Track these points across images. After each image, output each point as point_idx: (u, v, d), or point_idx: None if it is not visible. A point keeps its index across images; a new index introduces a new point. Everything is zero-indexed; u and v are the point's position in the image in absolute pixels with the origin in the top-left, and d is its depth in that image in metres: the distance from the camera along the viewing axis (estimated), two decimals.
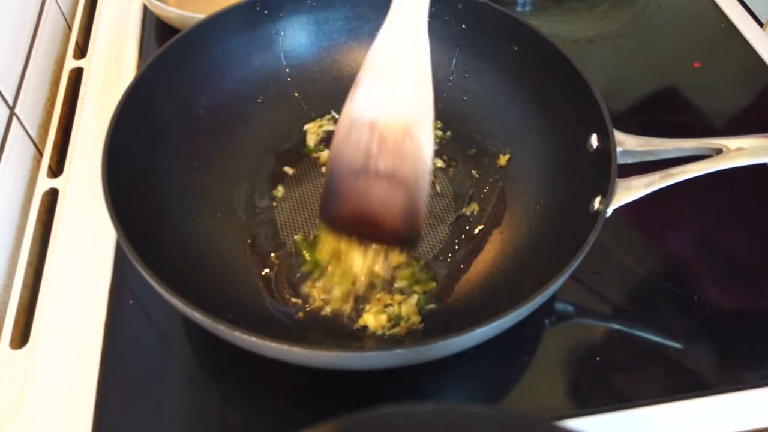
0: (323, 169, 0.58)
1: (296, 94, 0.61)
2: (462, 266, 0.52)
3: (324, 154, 0.59)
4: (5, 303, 0.52)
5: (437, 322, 0.49)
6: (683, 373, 0.48)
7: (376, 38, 0.46)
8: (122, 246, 0.40)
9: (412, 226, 0.48)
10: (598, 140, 0.49)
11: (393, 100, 0.45)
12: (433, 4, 0.59)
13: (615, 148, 0.46)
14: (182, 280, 0.43)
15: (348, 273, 0.50)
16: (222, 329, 0.37)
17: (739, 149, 0.46)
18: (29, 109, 0.63)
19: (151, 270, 0.39)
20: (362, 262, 0.50)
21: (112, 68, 0.68)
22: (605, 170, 0.46)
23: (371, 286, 0.50)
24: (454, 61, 0.61)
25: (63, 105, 0.66)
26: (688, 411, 0.46)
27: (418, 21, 0.45)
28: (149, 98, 0.50)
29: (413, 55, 0.46)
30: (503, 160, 0.58)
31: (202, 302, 0.38)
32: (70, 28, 0.75)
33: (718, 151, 0.47)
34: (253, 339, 0.37)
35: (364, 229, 0.49)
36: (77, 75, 0.68)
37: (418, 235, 0.49)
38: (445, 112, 0.61)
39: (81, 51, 0.72)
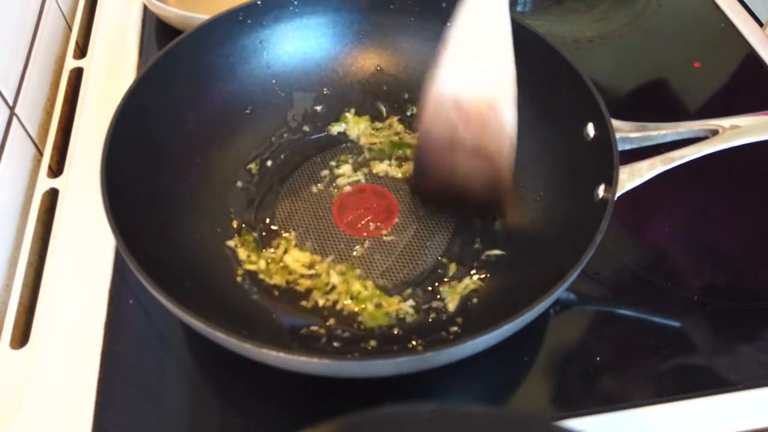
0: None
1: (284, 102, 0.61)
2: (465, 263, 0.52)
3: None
4: (5, 303, 0.52)
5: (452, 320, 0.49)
6: (683, 373, 0.48)
7: (457, 16, 0.47)
8: (128, 263, 0.40)
9: (499, 198, 0.51)
10: (595, 128, 0.49)
11: (475, 76, 0.47)
12: (416, 5, 0.59)
13: (614, 134, 0.46)
14: (189, 293, 0.43)
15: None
16: (248, 347, 0.37)
17: (734, 127, 0.46)
18: (29, 109, 0.63)
19: (164, 289, 0.39)
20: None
21: (112, 68, 0.68)
22: (606, 157, 0.46)
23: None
24: None
25: (63, 105, 0.66)
26: (689, 411, 0.46)
27: None
28: (139, 117, 0.50)
29: (494, 32, 0.46)
30: None
31: (212, 315, 0.38)
32: (70, 28, 0.75)
33: (714, 132, 0.47)
34: (282, 355, 0.36)
35: (452, 200, 0.53)
36: (77, 75, 0.68)
37: (504, 205, 0.52)
38: None
39: (81, 51, 0.72)
